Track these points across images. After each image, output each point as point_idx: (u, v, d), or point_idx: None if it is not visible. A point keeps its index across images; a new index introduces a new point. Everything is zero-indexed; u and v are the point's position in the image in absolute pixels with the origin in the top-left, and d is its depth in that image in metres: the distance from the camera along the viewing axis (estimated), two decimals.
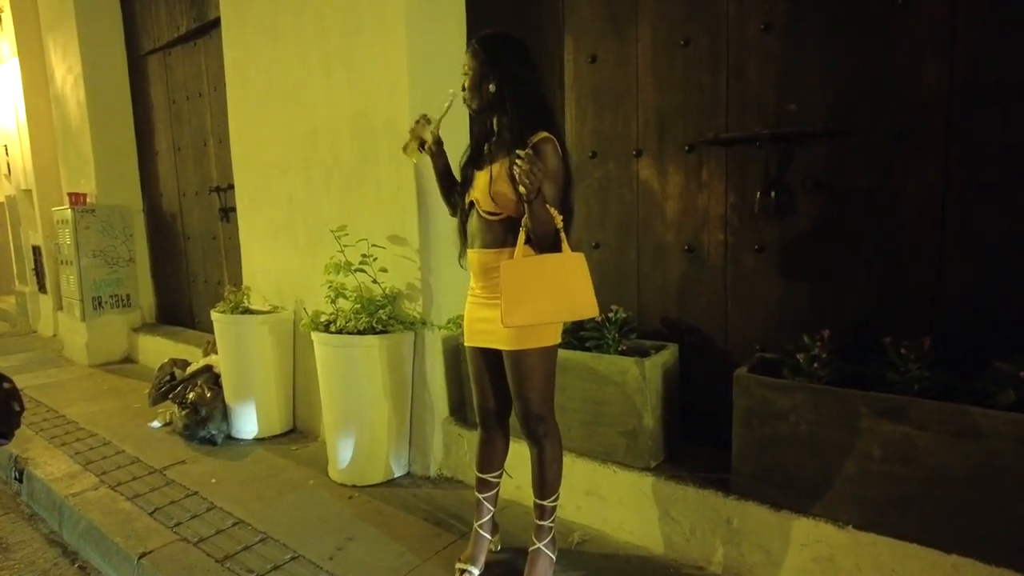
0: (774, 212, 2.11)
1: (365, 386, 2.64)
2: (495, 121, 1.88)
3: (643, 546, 2.19)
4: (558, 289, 1.73)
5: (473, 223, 1.91)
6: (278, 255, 3.41)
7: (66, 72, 5.19)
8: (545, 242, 1.76)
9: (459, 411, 2.80)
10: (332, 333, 2.65)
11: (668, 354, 2.26)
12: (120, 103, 5.18)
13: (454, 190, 2.03)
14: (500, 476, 2.12)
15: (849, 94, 1.96)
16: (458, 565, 2.08)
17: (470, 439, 2.65)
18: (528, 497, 2.45)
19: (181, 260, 5.06)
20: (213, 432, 3.27)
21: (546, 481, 1.95)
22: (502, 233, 1.84)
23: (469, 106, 1.86)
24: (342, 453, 2.72)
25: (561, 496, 2.34)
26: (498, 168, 1.81)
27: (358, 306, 2.71)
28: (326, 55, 2.94)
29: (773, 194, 2.10)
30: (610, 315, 2.33)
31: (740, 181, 2.19)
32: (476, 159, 1.93)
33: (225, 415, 3.34)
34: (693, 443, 2.38)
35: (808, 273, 2.10)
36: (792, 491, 1.89)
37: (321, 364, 2.73)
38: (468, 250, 1.95)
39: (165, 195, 5.15)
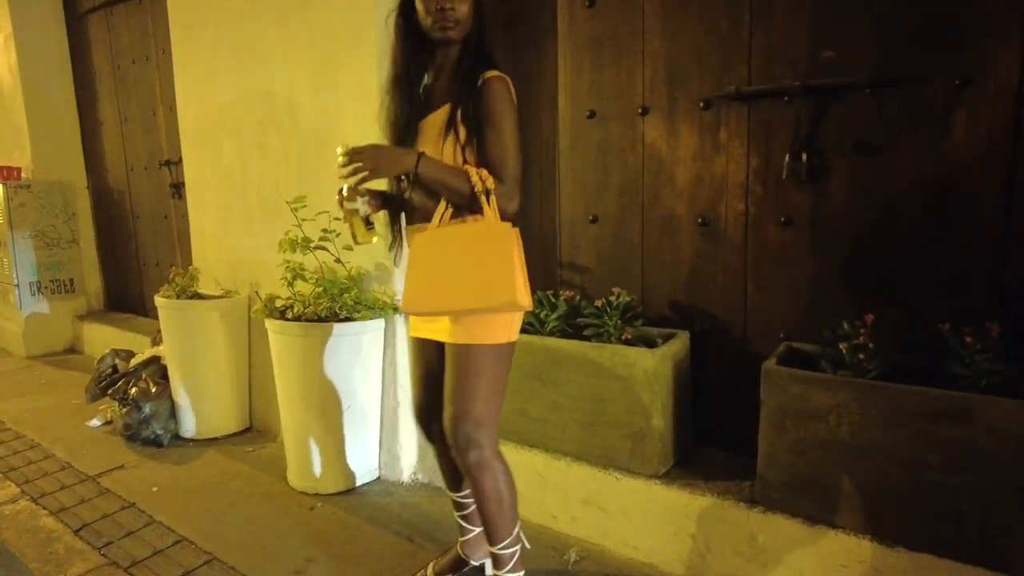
0: (805, 178, 1.81)
1: (327, 380, 2.30)
2: (442, 57, 1.52)
3: (650, 563, 1.90)
4: (468, 268, 1.37)
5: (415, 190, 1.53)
6: (231, 233, 3.04)
7: None
8: (466, 209, 1.43)
9: None
10: (289, 320, 2.29)
11: (679, 343, 1.96)
12: (58, 68, 4.67)
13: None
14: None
15: (898, 38, 1.66)
16: (420, 572, 1.85)
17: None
18: (535, 514, 2.14)
19: (130, 241, 4.62)
20: (158, 432, 2.89)
21: (489, 524, 1.55)
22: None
23: (446, 34, 1.45)
24: (303, 457, 2.38)
25: (555, 506, 2.07)
26: (441, 117, 1.47)
27: (319, 289, 2.36)
28: (281, 3, 2.56)
29: (804, 157, 1.79)
30: (611, 299, 2.02)
31: (765, 142, 1.88)
32: (415, 106, 1.52)
33: (172, 413, 2.96)
34: (703, 445, 2.09)
35: (844, 250, 1.81)
36: (830, 503, 1.61)
37: (276, 356, 2.37)
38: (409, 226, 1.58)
39: (111, 170, 4.69)
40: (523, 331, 2.11)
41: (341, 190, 1.48)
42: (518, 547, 1.59)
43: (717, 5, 1.91)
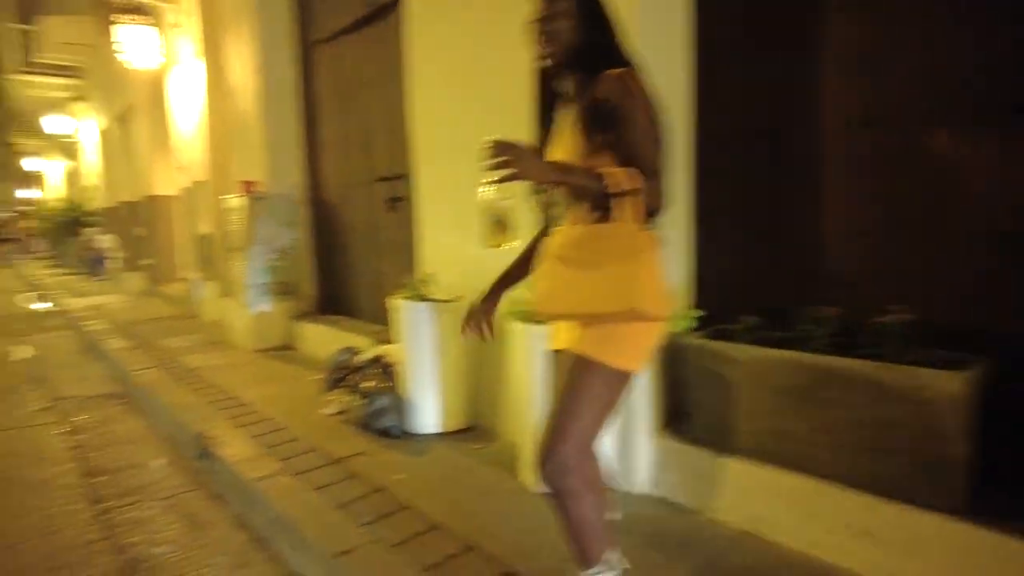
0: None
1: None
2: (569, 82, 1.52)
3: None
4: (595, 270, 1.36)
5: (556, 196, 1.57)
6: (460, 243, 3.22)
7: (243, 65, 5.36)
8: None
9: (673, 421, 2.45)
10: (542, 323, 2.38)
11: (979, 368, 1.79)
12: (291, 92, 5.26)
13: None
14: None
15: None
16: None
17: (688, 455, 2.30)
18: (792, 540, 2.03)
19: (342, 250, 5.07)
20: (389, 424, 3.11)
21: (579, 549, 1.51)
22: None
23: (543, 62, 1.52)
24: None
25: (817, 534, 1.96)
26: (570, 124, 1.49)
27: None
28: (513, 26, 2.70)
29: None
30: (890, 317, 1.89)
31: None
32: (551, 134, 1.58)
33: (400, 407, 3.18)
34: (994, 480, 1.88)
35: None
36: None
37: (525, 358, 2.46)
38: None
39: (330, 184, 5.18)
40: (783, 346, 2.05)
41: (490, 184, 1.32)
42: (611, 574, 1.54)
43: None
